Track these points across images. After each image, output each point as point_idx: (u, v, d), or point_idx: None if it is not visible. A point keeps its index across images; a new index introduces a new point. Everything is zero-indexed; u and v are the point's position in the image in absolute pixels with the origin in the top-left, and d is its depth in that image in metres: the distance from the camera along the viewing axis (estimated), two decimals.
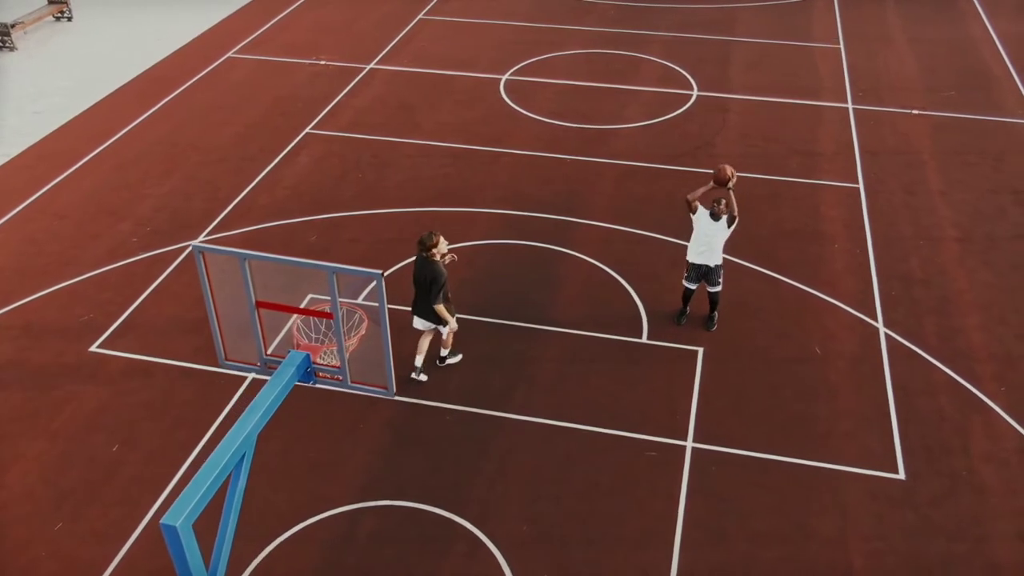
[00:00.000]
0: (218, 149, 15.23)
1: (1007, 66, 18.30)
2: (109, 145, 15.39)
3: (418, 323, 10.01)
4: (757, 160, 14.79)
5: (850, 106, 16.61)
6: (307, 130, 15.83)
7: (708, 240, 10.39)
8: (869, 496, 8.86)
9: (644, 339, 10.88)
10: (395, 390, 6.99)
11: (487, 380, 10.27)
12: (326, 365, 6.69)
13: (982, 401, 9.99)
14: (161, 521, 5.14)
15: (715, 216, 10.28)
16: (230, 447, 5.64)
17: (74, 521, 8.62)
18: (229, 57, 18.86)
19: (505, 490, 8.94)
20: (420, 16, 20.99)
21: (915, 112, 16.35)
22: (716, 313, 10.98)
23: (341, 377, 6.62)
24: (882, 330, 11.04)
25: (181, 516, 5.12)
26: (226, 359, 6.97)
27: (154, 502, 8.80)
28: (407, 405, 9.93)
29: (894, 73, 17.99)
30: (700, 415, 9.79)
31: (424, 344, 10.19)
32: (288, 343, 7.43)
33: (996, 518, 8.64)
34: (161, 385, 10.25)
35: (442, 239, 9.52)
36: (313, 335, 6.76)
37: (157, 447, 9.44)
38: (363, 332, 6.68)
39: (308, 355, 6.50)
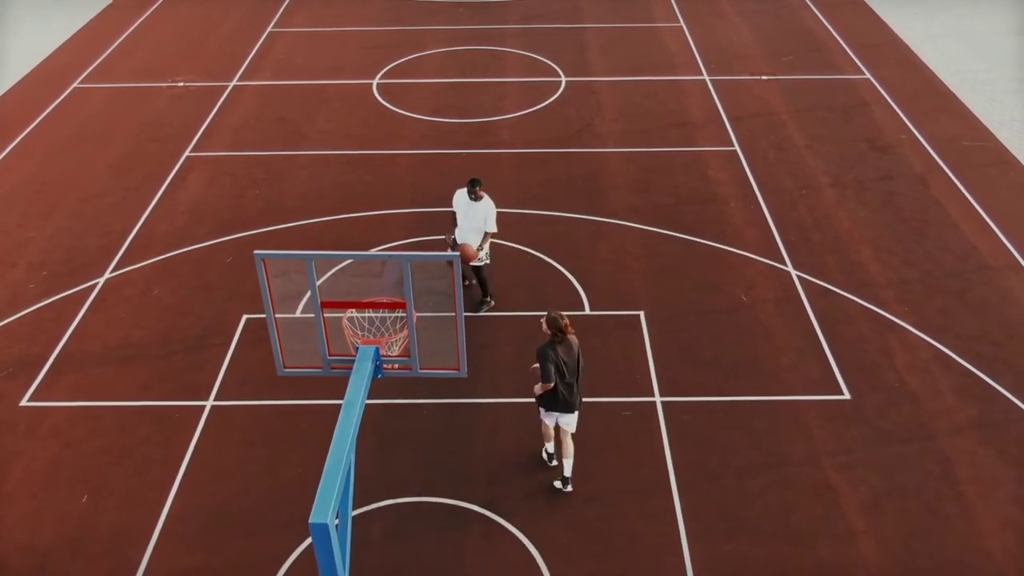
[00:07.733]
0: (96, 183, 14.40)
1: (829, 29, 20.21)
2: None
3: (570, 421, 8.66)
4: (639, 136, 15.65)
5: (706, 78, 17.84)
6: (187, 153, 15.24)
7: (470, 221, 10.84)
8: (825, 418, 9.76)
9: (587, 311, 11.38)
10: (467, 371, 7.04)
11: None
12: (391, 356, 6.69)
13: (893, 322, 11.18)
14: (311, 521, 5.07)
15: (472, 196, 10.68)
16: (343, 448, 5.60)
17: None
18: (76, 88, 17.78)
19: (501, 469, 9.17)
20: (269, 29, 20.56)
21: (764, 78, 17.79)
22: (486, 298, 11.37)
23: (411, 366, 6.65)
24: (793, 273, 12.08)
25: (327, 514, 5.08)
26: (284, 367, 6.81)
27: (145, 548, 8.40)
28: (379, 407, 9.93)
29: (735, 44, 19.45)
30: (659, 371, 10.40)
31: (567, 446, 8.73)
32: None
33: (933, 419, 9.76)
34: (113, 428, 9.72)
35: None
36: (362, 333, 6.74)
37: (130, 491, 8.99)
38: (415, 321, 6.74)
39: (378, 348, 6.50)
